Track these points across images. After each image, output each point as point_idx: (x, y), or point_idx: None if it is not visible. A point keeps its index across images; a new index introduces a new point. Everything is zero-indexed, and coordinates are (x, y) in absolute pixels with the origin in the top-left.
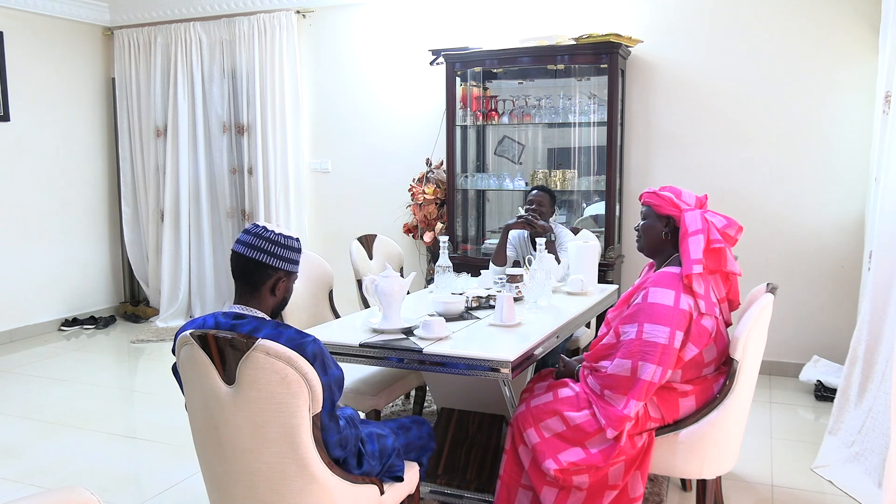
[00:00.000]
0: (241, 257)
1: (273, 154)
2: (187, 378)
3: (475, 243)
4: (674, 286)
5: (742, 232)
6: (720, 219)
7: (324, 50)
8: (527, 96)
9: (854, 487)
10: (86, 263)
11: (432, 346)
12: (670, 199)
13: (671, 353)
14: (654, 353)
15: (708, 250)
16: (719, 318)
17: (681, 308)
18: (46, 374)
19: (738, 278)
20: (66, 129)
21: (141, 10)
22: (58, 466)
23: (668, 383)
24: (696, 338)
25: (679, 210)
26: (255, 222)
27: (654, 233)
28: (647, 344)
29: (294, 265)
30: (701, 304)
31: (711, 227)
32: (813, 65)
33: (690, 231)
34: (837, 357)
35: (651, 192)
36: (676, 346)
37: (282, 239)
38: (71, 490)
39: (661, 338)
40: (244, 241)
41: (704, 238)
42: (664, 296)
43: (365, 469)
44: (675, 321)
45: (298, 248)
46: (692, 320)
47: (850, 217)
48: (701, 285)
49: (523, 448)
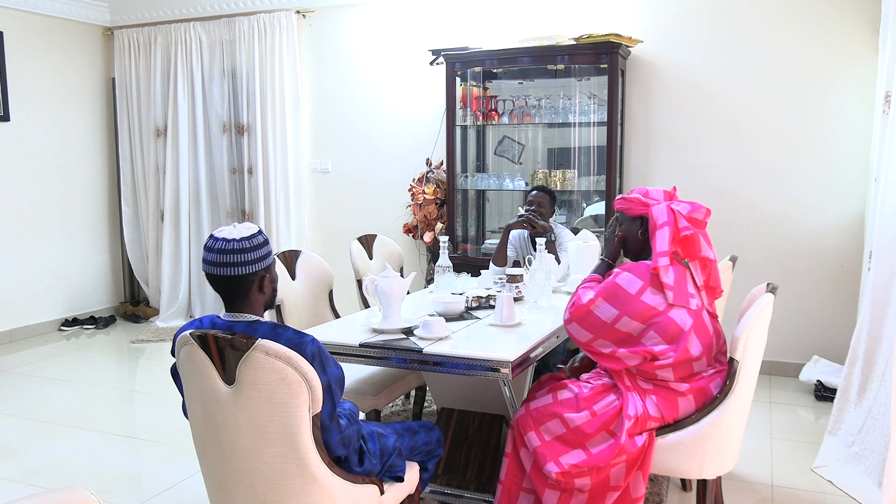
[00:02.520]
0: (215, 278)
1: (273, 154)
2: (187, 378)
3: (475, 243)
4: (643, 277)
5: (710, 215)
6: (685, 206)
7: (324, 50)
8: (527, 96)
9: (854, 487)
10: (86, 263)
11: (432, 346)
12: (638, 200)
13: (607, 328)
14: (590, 319)
15: (679, 240)
16: (699, 309)
17: (642, 300)
18: (46, 374)
19: (716, 265)
20: (66, 130)
21: (141, 10)
22: (58, 466)
23: (665, 383)
24: (662, 329)
25: (647, 206)
26: (212, 233)
27: (632, 235)
28: (591, 314)
29: (268, 258)
30: (669, 294)
31: (678, 216)
32: (813, 65)
33: (658, 224)
34: (837, 357)
35: (620, 198)
36: (617, 327)
37: (245, 243)
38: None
39: (607, 316)
40: (211, 261)
41: (671, 229)
42: (631, 283)
43: (366, 468)
44: (629, 309)
45: (264, 239)
46: (657, 314)
47: (850, 217)
48: (670, 276)
49: (524, 451)
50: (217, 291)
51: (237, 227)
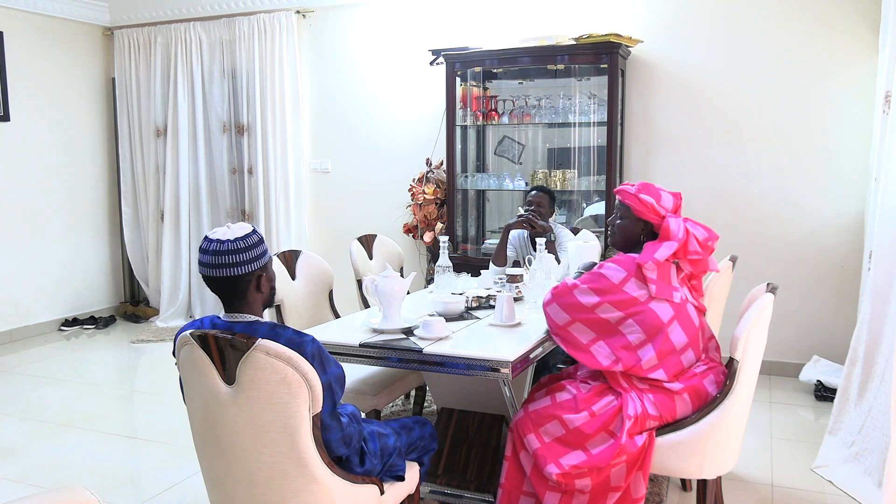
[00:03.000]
0: (212, 279)
1: (273, 154)
2: (187, 378)
3: (475, 243)
4: (628, 269)
5: (718, 240)
6: (701, 231)
7: (324, 50)
8: (527, 96)
9: (854, 487)
10: (86, 263)
11: (432, 346)
12: (651, 206)
13: (586, 312)
14: (571, 300)
15: (686, 259)
16: (682, 302)
17: (624, 290)
18: (46, 374)
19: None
20: (67, 129)
21: (141, 10)
22: (58, 466)
23: (659, 383)
24: (641, 320)
25: (659, 217)
26: (206, 235)
27: (631, 234)
28: (572, 296)
29: (264, 257)
30: (652, 287)
31: (692, 238)
32: (813, 65)
33: (670, 237)
34: (837, 357)
35: (631, 195)
36: (596, 312)
37: (240, 243)
38: (71, 490)
39: (587, 301)
40: (207, 263)
41: (679, 246)
42: (615, 273)
43: (367, 468)
44: (611, 297)
45: (258, 238)
46: (638, 305)
47: (850, 217)
48: (654, 272)
49: (524, 454)
50: (214, 293)
51: (231, 228)
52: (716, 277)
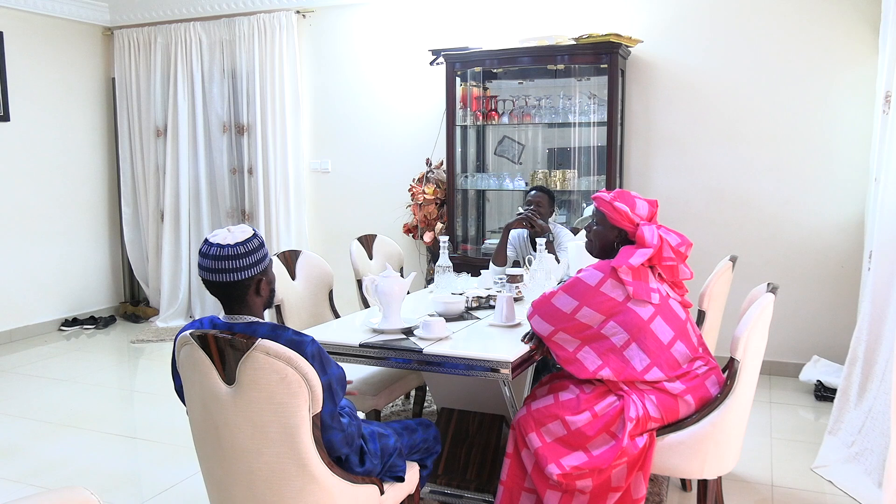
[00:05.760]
0: (212, 283)
1: (273, 154)
2: (187, 378)
3: (475, 243)
4: (604, 271)
5: (692, 248)
6: (674, 237)
7: (324, 50)
8: (527, 96)
9: (854, 487)
10: (86, 263)
11: (432, 346)
12: (626, 214)
13: (567, 319)
14: (550, 309)
15: (660, 266)
16: (662, 301)
17: (602, 291)
18: (46, 374)
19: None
20: (66, 129)
21: (141, 10)
22: (58, 466)
23: (661, 385)
24: (623, 321)
25: (634, 225)
26: (206, 238)
27: (606, 241)
28: (551, 304)
29: (264, 261)
30: (629, 289)
31: (665, 245)
32: (813, 65)
33: (645, 244)
34: (837, 357)
35: (606, 202)
36: (577, 317)
37: (240, 248)
38: (71, 490)
39: (566, 307)
40: (207, 268)
41: (654, 253)
42: (591, 276)
43: (367, 468)
44: (589, 299)
45: (259, 243)
46: (617, 305)
47: (850, 217)
48: (629, 275)
49: (525, 452)
50: (214, 296)
51: (232, 232)
52: (716, 277)
